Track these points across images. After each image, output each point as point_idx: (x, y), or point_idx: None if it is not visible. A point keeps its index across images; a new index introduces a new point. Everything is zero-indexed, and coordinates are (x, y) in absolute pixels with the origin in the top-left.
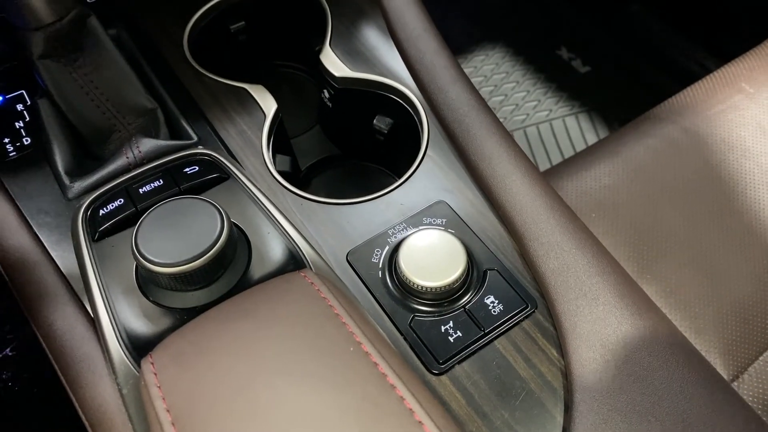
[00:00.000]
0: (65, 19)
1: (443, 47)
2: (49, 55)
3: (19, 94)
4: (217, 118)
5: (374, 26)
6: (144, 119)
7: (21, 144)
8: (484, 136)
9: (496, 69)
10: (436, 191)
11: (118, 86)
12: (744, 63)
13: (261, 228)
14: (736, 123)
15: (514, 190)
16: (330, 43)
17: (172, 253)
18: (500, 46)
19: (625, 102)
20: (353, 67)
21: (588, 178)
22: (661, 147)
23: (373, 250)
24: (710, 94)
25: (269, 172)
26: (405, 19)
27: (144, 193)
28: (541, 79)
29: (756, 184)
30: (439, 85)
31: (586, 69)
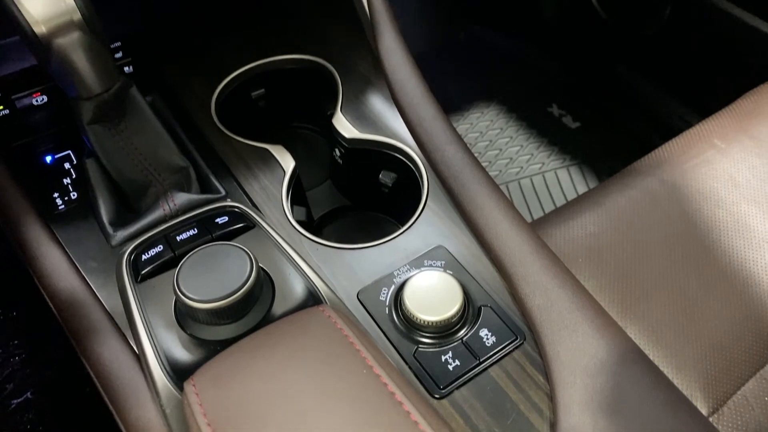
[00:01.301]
0: (111, 90)
1: (440, 112)
2: (96, 121)
3: (66, 154)
4: (242, 174)
5: (379, 94)
6: (177, 176)
7: (69, 198)
8: (476, 190)
9: (491, 125)
10: (436, 237)
11: (155, 147)
12: (716, 121)
13: (283, 270)
14: (709, 175)
15: (504, 237)
16: (341, 109)
17: (208, 292)
18: (494, 104)
19: (613, 155)
20: (361, 129)
21: (575, 226)
22: (641, 198)
23: (381, 290)
24: (686, 150)
25: (288, 221)
26: (406, 89)
27: (181, 241)
28: (534, 134)
29: (729, 231)
30: (437, 145)
31: (576, 125)
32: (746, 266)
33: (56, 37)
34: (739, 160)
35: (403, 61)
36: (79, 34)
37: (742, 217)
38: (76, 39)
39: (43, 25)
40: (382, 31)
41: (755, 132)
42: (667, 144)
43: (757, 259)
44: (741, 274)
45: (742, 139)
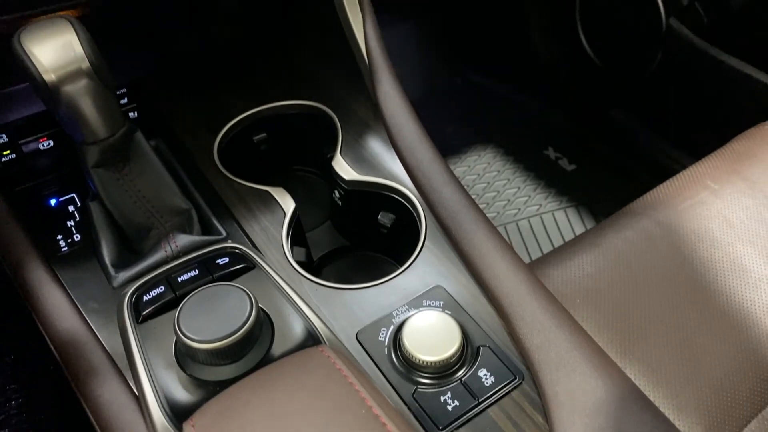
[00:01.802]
0: (116, 134)
1: (436, 155)
2: (101, 165)
3: (70, 197)
4: (243, 216)
5: (378, 138)
6: (179, 218)
7: (72, 240)
8: (473, 231)
9: (488, 168)
10: (434, 277)
11: (158, 190)
12: (709, 163)
13: (283, 310)
14: (703, 216)
15: (501, 277)
16: (341, 152)
17: (208, 332)
18: (491, 147)
19: (609, 196)
20: (360, 171)
21: (572, 267)
22: (637, 238)
23: (380, 330)
24: (680, 191)
25: (288, 262)
26: (404, 133)
27: (182, 282)
28: (531, 176)
29: (726, 271)
30: (434, 187)
31: (572, 167)
32: (744, 306)
33: (65, 85)
34: (733, 201)
35: (401, 106)
36: (86, 82)
37: (738, 257)
38: (84, 86)
39: (52, 73)
40: (380, 78)
41: (747, 173)
42: (661, 186)
43: (754, 300)
44: (739, 314)
45: (734, 181)
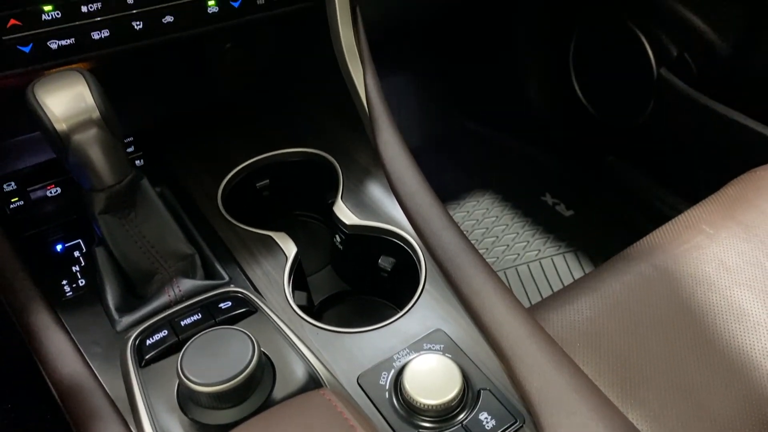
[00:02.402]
0: (123, 181)
1: (435, 200)
2: (107, 211)
3: (76, 243)
4: (245, 260)
5: (378, 183)
6: (183, 263)
7: (77, 285)
8: (473, 274)
9: (487, 213)
10: (434, 320)
11: (162, 235)
12: (703, 207)
13: (284, 354)
14: (700, 260)
15: (500, 320)
16: (342, 197)
17: (210, 375)
18: (490, 193)
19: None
20: (361, 216)
21: (572, 311)
22: (635, 282)
23: (380, 373)
24: (676, 235)
25: (290, 306)
26: (404, 179)
27: (185, 326)
28: (529, 222)
29: (724, 315)
30: (433, 231)
31: (570, 213)
32: (744, 351)
33: (75, 134)
34: (728, 246)
35: (400, 153)
36: (96, 131)
37: (736, 301)
38: (94, 135)
39: (64, 122)
40: (380, 126)
41: (742, 218)
42: (657, 230)
43: (754, 344)
44: (739, 358)
45: (729, 225)
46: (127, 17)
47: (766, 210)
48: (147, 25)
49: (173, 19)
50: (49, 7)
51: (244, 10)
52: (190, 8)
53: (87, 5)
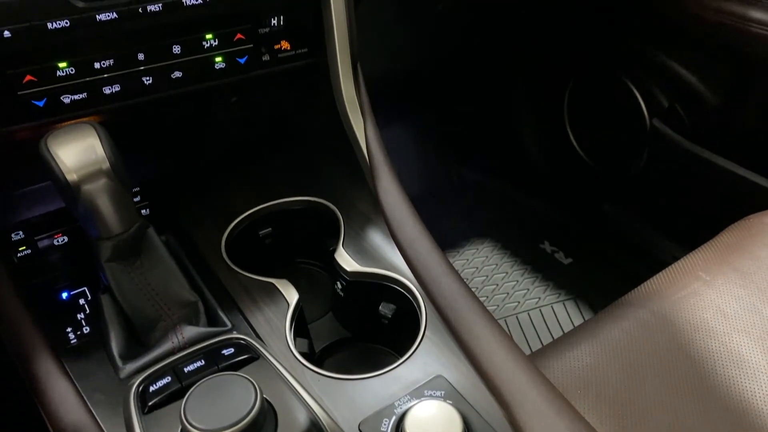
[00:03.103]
0: (130, 230)
1: (435, 247)
2: (114, 259)
3: (81, 291)
4: (248, 307)
5: (378, 231)
6: (186, 310)
7: (81, 333)
8: (472, 320)
9: (487, 261)
10: (435, 367)
11: (167, 283)
12: (700, 254)
13: (286, 400)
14: (698, 307)
15: (500, 366)
16: (343, 244)
17: (213, 421)
18: (489, 240)
19: (605, 288)
20: (362, 263)
21: (572, 358)
22: (634, 329)
23: (382, 420)
24: (673, 282)
25: (291, 353)
26: (403, 226)
27: (188, 372)
28: (529, 270)
29: (723, 362)
30: (433, 277)
31: (569, 261)
32: (745, 397)
33: (85, 184)
34: (725, 292)
35: (400, 201)
36: (105, 181)
37: (735, 347)
38: (103, 185)
39: (75, 173)
40: (380, 174)
41: (737, 264)
42: (655, 277)
43: (755, 390)
44: (740, 405)
45: (726, 272)
46: (138, 73)
47: (761, 257)
48: (156, 80)
49: (182, 75)
50: (63, 63)
51: (250, 66)
52: (198, 64)
53: (100, 62)
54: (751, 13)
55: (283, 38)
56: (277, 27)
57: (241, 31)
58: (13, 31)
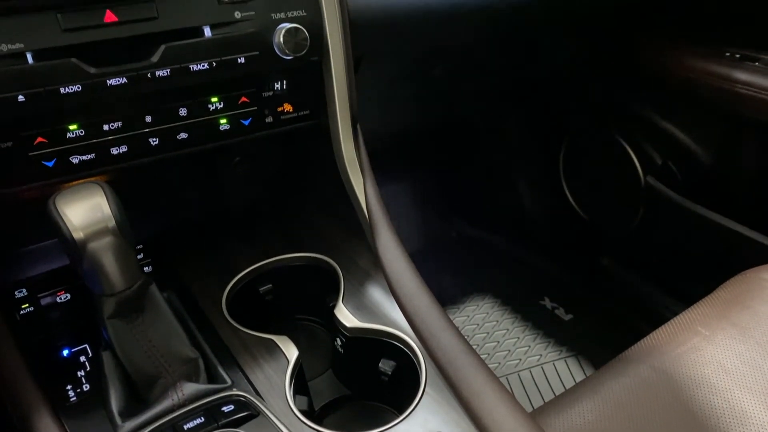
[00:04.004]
0: (133, 287)
1: (434, 302)
2: (116, 316)
3: (83, 348)
4: (248, 364)
5: (378, 286)
6: (187, 367)
7: (81, 390)
8: (472, 375)
9: (487, 317)
10: (435, 424)
11: (168, 340)
12: (698, 309)
13: None
14: (698, 362)
15: (500, 421)
16: (342, 300)
17: None
18: (489, 297)
19: (606, 344)
20: (361, 319)
21: (573, 414)
22: (635, 385)
23: None
24: (672, 337)
25: (291, 410)
26: (402, 281)
27: (188, 429)
28: (529, 326)
29: (726, 418)
30: (433, 333)
31: (569, 317)
32: None
33: (91, 241)
34: (725, 347)
35: (399, 257)
36: (111, 238)
37: (737, 403)
38: (108, 242)
39: (81, 231)
40: (379, 231)
41: (736, 319)
42: (655, 332)
43: None
44: None
45: (725, 327)
46: (145, 134)
47: (759, 311)
48: (162, 141)
49: (187, 136)
50: (74, 125)
51: (254, 127)
52: (203, 126)
53: (108, 124)
54: (736, 75)
55: (286, 101)
56: (280, 90)
57: (245, 94)
58: (28, 95)
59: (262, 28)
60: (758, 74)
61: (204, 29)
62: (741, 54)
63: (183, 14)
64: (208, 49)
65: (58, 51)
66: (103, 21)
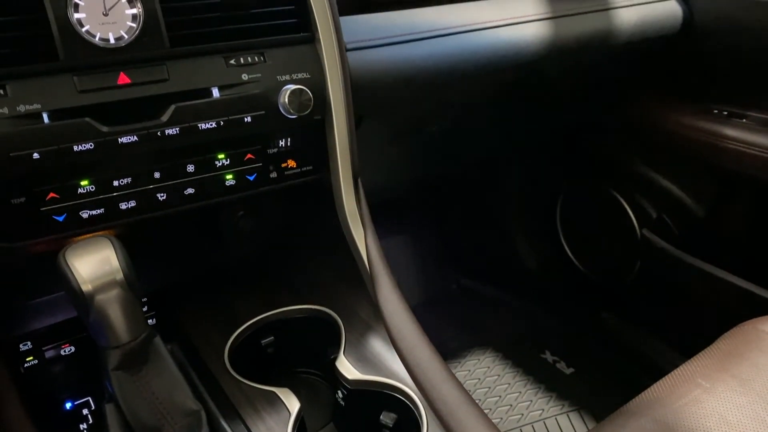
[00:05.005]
0: (138, 339)
1: (435, 354)
2: (121, 368)
3: (86, 400)
4: (249, 416)
5: (379, 338)
6: (189, 419)
7: None
8: (473, 425)
9: (488, 372)
10: None
11: (171, 392)
12: (698, 362)
13: None
14: (700, 415)
15: None
16: (344, 352)
17: None
18: (490, 350)
19: (608, 397)
20: (363, 371)
21: None
22: None
23: None
24: (673, 390)
25: None
26: (403, 333)
27: None
28: (531, 380)
29: None
30: (434, 384)
31: (571, 371)
32: None
33: (99, 294)
34: (726, 399)
35: (400, 309)
36: (118, 291)
37: None
38: (115, 295)
39: (90, 283)
40: (380, 283)
41: (736, 371)
42: (655, 385)
43: None
44: None
45: (725, 379)
46: (153, 190)
47: (759, 363)
48: (170, 196)
49: (194, 191)
50: (85, 181)
51: (259, 182)
52: (210, 181)
53: (119, 180)
54: (725, 131)
55: (290, 157)
56: (284, 147)
57: (251, 151)
58: (43, 153)
59: (268, 89)
60: (746, 130)
61: (212, 90)
62: (728, 111)
63: (193, 76)
64: (216, 109)
65: (73, 111)
66: (117, 83)
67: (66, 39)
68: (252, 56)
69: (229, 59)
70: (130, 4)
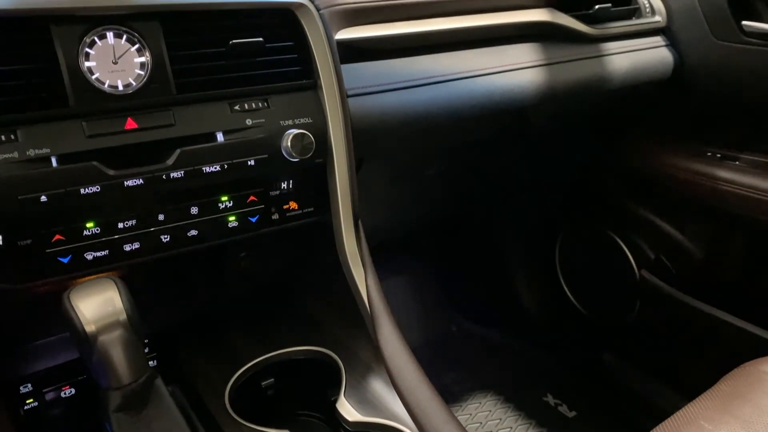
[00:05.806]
0: (139, 380)
1: (435, 395)
2: (121, 410)
3: None
4: None
5: (380, 379)
6: None
7: None
8: None
9: (490, 416)
10: None
11: None
12: (700, 404)
13: None
14: None
15: None
16: (344, 393)
17: None
18: (491, 393)
19: None
20: (363, 413)
21: None
22: None
23: None
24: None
25: None
26: (404, 374)
27: None
28: (533, 424)
29: None
30: (434, 425)
31: (573, 414)
32: None
33: (102, 334)
34: None
35: (400, 350)
36: (121, 332)
37: None
38: (118, 336)
39: (93, 324)
40: (380, 324)
41: (738, 412)
42: (658, 427)
43: None
44: None
45: (728, 421)
46: (157, 232)
47: (761, 405)
48: (173, 238)
49: (197, 233)
50: (90, 224)
51: (261, 224)
52: (213, 223)
53: (123, 222)
54: (718, 173)
55: (292, 199)
56: (286, 189)
57: (254, 193)
58: (50, 196)
59: (271, 134)
60: (739, 172)
61: (217, 135)
62: (722, 153)
63: (198, 121)
64: (220, 152)
65: (81, 154)
66: (124, 128)
67: (76, 86)
68: (256, 102)
69: (234, 105)
70: (139, 53)
